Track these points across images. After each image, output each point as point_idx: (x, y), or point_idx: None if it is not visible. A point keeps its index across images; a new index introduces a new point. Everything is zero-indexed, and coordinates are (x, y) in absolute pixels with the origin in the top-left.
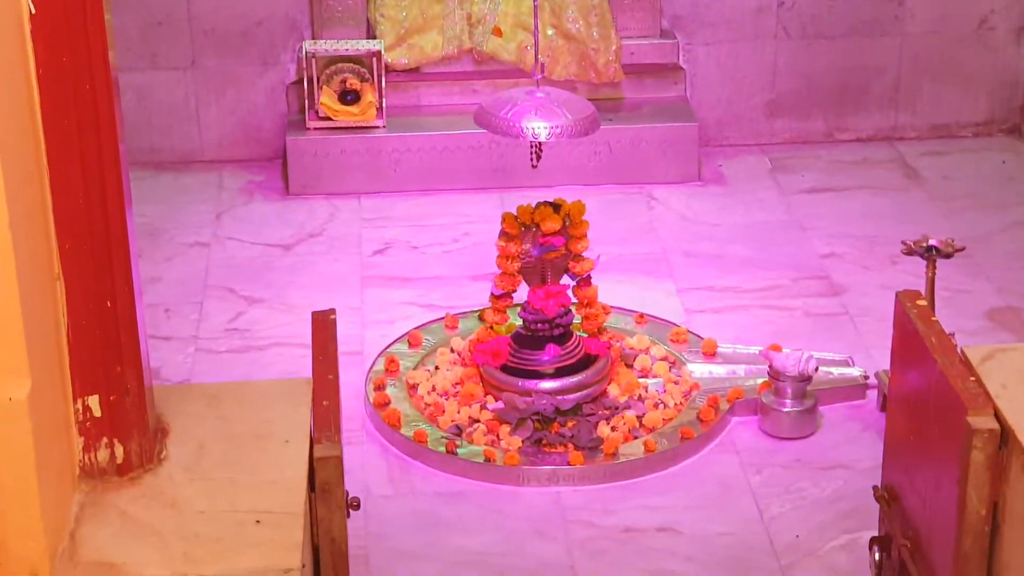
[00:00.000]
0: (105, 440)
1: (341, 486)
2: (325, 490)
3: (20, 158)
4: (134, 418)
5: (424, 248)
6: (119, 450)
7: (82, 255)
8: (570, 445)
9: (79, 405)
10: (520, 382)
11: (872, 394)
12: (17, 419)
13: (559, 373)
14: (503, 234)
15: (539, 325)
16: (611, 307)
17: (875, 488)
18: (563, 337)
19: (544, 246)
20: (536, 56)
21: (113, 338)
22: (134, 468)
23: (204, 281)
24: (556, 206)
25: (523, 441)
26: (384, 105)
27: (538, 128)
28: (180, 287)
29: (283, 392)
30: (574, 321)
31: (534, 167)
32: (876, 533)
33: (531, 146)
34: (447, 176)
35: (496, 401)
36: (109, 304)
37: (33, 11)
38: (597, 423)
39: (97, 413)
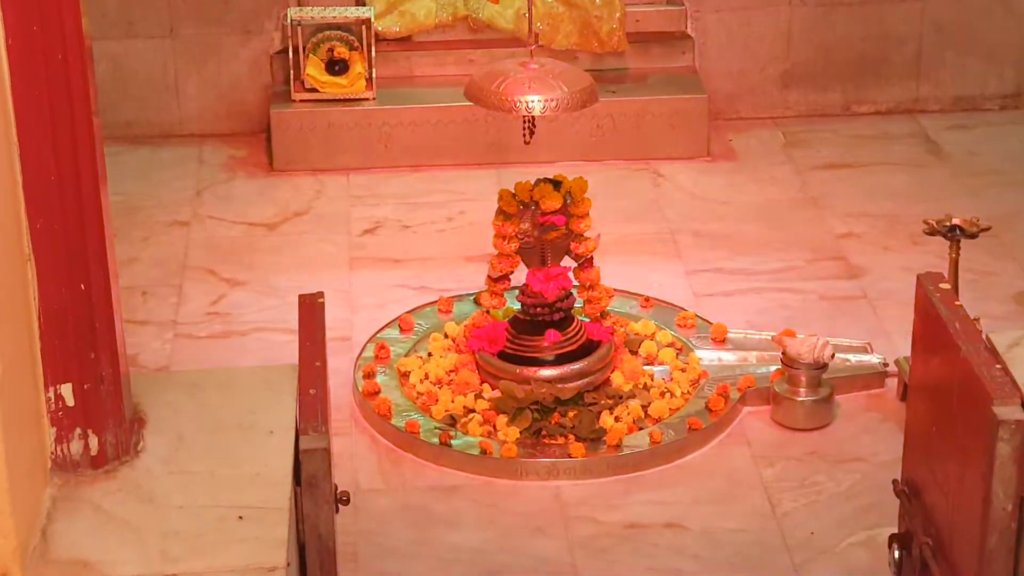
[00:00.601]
0: (79, 431)
1: (329, 479)
2: (312, 484)
3: None
4: (109, 407)
5: (416, 227)
6: (93, 441)
7: (54, 235)
8: (571, 436)
9: (51, 394)
10: (518, 369)
11: (892, 382)
12: None
13: (559, 360)
14: (500, 213)
15: (538, 309)
16: (615, 290)
17: (895, 482)
18: (564, 322)
19: (544, 225)
20: (530, 25)
21: (87, 323)
22: (109, 460)
23: (183, 262)
24: (556, 183)
25: (521, 432)
26: (374, 76)
27: (532, 102)
28: (158, 269)
29: (267, 380)
30: (575, 305)
31: (527, 143)
32: (896, 530)
33: (524, 121)
34: (441, 151)
35: (493, 389)
36: (83, 287)
37: None
38: (600, 413)
39: (70, 402)
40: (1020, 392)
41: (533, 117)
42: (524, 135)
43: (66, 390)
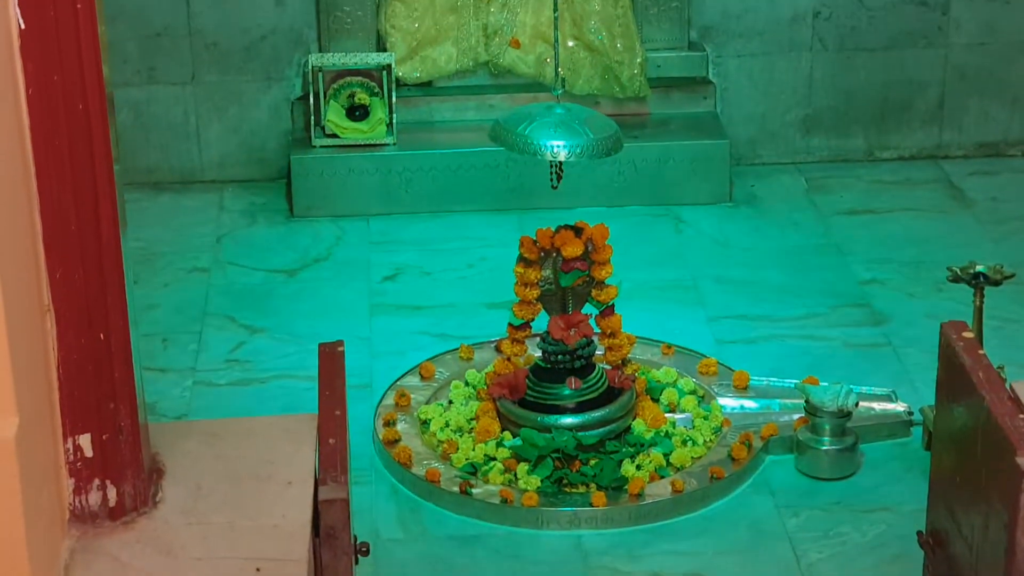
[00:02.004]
0: (97, 482)
1: (348, 530)
2: (330, 535)
3: (7, 182)
4: (128, 458)
5: (437, 274)
6: (112, 492)
7: (73, 284)
8: (592, 485)
9: (69, 444)
10: (539, 417)
11: (917, 431)
12: (3, 460)
13: (581, 407)
14: (521, 259)
15: (559, 356)
16: (636, 337)
17: (919, 533)
18: (585, 369)
19: (568, 273)
20: (556, 69)
21: (106, 372)
22: (127, 511)
23: (203, 309)
24: (578, 229)
25: (542, 481)
26: (395, 121)
27: (558, 147)
28: (178, 315)
29: (286, 429)
30: (597, 352)
31: (554, 188)
32: None
33: (551, 166)
34: (461, 196)
35: (514, 437)
36: (102, 336)
37: (23, 26)
38: (621, 461)
39: (88, 453)
40: None
41: (561, 162)
42: (552, 180)
43: (84, 440)
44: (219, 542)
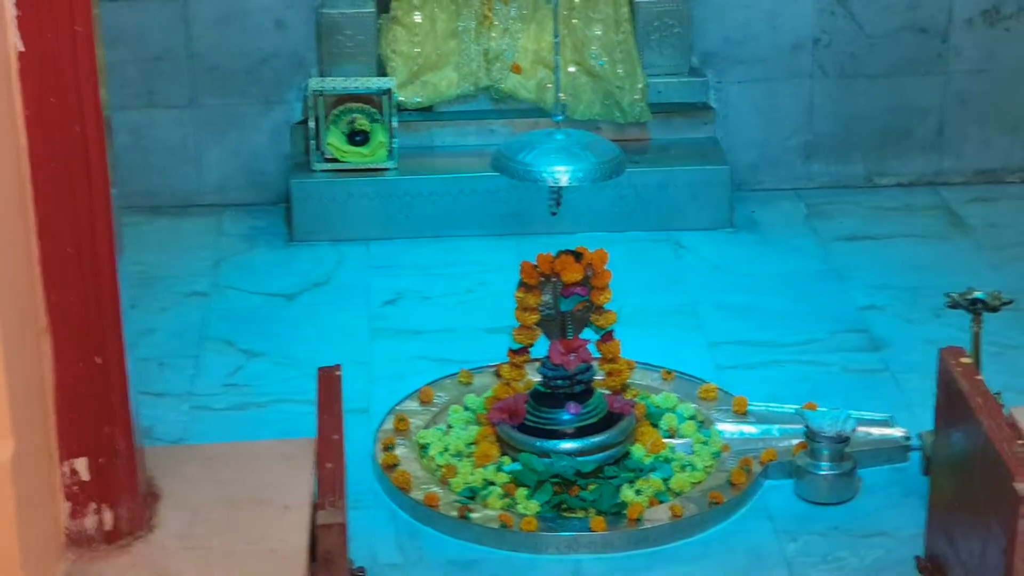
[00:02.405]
0: (93, 505)
1: (345, 555)
2: (328, 560)
3: (5, 204)
4: (124, 482)
5: (437, 298)
6: (108, 516)
7: (70, 308)
8: (591, 510)
9: (66, 468)
10: (539, 442)
11: (915, 456)
12: None
13: (580, 433)
14: (521, 284)
15: (559, 381)
16: (636, 362)
17: (918, 558)
18: (584, 394)
19: (568, 298)
20: (557, 95)
21: (102, 396)
22: (124, 535)
23: (201, 333)
24: (577, 255)
25: (541, 505)
26: (395, 146)
27: (559, 173)
28: (176, 339)
29: (284, 453)
30: (596, 377)
31: (554, 214)
32: None
33: (551, 192)
34: (462, 221)
35: (513, 462)
36: (98, 360)
37: (21, 48)
38: (620, 486)
39: (85, 476)
40: None
41: (560, 188)
42: (552, 206)
43: (81, 464)
44: (216, 567)
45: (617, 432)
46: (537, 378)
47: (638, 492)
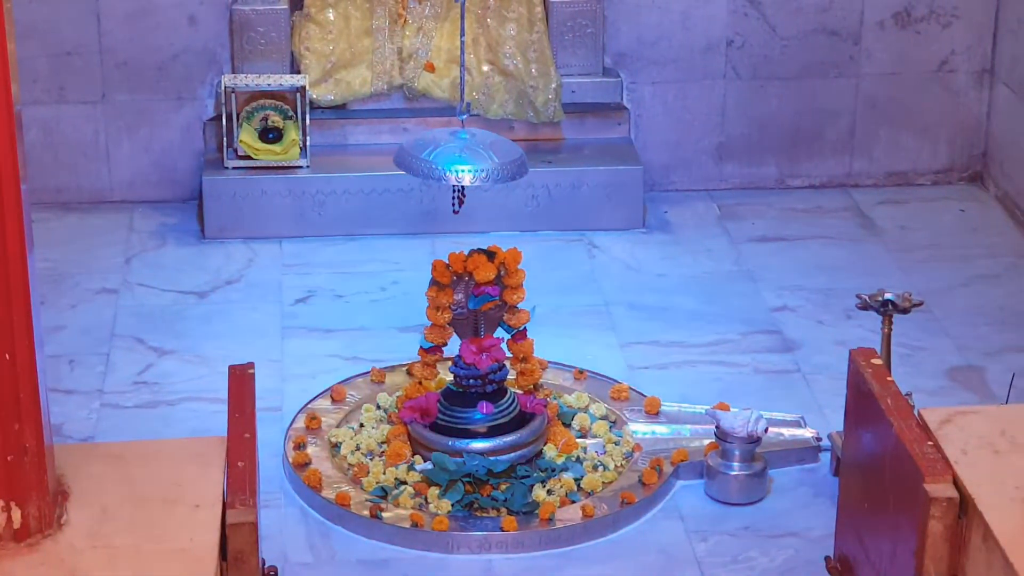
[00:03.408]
0: (1, 503)
1: (256, 554)
2: (238, 559)
3: None
4: (33, 480)
5: (349, 297)
6: (16, 514)
7: None
8: (503, 509)
9: None
10: (451, 441)
11: (825, 457)
12: None
13: (492, 432)
14: (433, 283)
15: (471, 381)
16: (548, 362)
17: (827, 559)
18: (497, 394)
19: (478, 297)
20: (462, 94)
21: (11, 393)
22: (32, 534)
23: (111, 330)
24: (490, 254)
25: (453, 505)
26: (308, 144)
27: (462, 172)
28: (85, 337)
29: (195, 452)
30: (508, 377)
31: (455, 212)
32: None
33: (453, 191)
34: (374, 220)
35: (425, 461)
36: (7, 356)
37: None
38: (532, 486)
39: None
40: (951, 470)
41: (463, 187)
42: (453, 205)
43: None
44: (125, 565)
45: (529, 432)
46: (449, 377)
47: (550, 492)
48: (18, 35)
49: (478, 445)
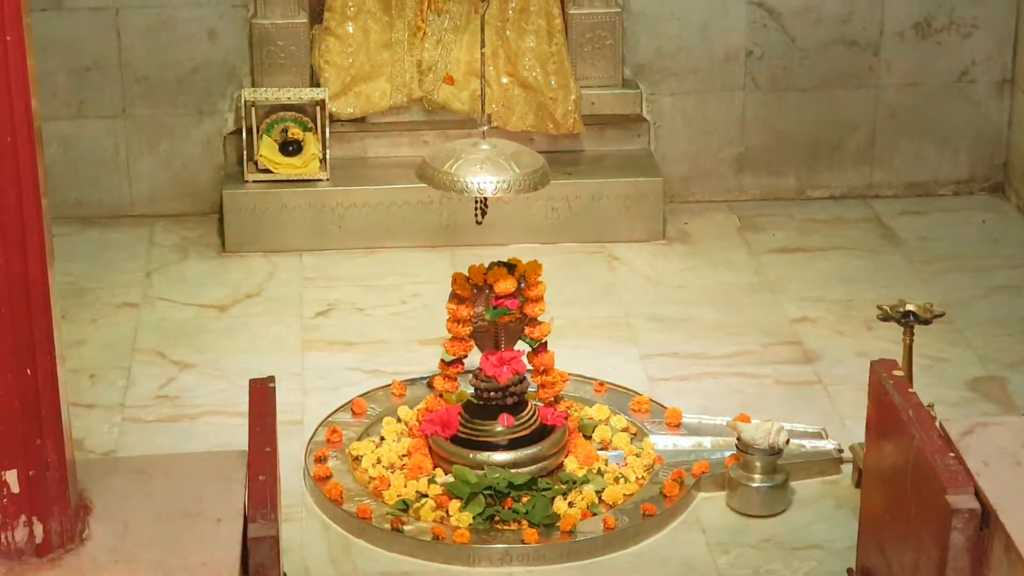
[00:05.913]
0: (23, 518)
1: (277, 568)
2: (260, 573)
3: None
4: (55, 494)
5: (370, 310)
6: (38, 529)
7: (0, 319)
8: (524, 522)
9: None
10: (471, 454)
11: (847, 469)
12: None
13: (513, 445)
14: (454, 296)
15: (492, 393)
16: (569, 374)
17: (849, 570)
18: (517, 406)
19: (498, 309)
20: (483, 106)
21: (33, 408)
22: (54, 549)
23: (132, 345)
24: (510, 266)
25: (474, 518)
26: (328, 157)
27: (483, 183)
28: (106, 351)
29: (216, 466)
30: (529, 389)
31: (478, 223)
32: None
33: (476, 202)
34: (395, 233)
35: (446, 474)
36: (28, 372)
37: None
38: (553, 499)
39: (15, 489)
40: (974, 481)
41: (485, 198)
42: (476, 216)
43: (11, 476)
44: None
45: (550, 444)
46: (470, 390)
47: (571, 504)
48: (38, 50)
49: (499, 457)
